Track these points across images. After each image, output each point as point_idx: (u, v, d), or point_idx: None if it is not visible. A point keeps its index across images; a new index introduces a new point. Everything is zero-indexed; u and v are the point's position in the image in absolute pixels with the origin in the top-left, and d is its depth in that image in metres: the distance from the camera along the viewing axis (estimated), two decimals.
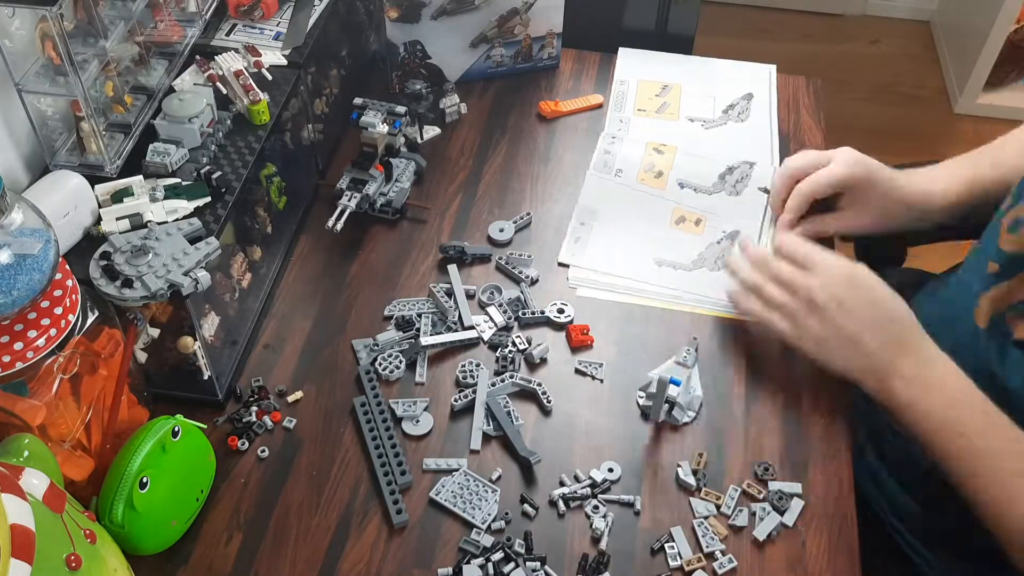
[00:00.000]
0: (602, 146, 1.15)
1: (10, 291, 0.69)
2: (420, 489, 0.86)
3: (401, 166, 1.11)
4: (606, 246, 1.05)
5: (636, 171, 1.12)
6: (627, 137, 1.17)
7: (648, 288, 1.01)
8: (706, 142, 1.17)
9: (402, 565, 0.81)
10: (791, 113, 1.22)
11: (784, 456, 0.88)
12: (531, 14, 1.20)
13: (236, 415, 0.90)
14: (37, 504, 0.62)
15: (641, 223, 1.08)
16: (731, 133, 1.18)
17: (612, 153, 1.14)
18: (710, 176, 1.12)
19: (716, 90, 1.24)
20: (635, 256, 1.04)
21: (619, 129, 1.18)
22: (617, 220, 1.08)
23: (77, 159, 0.90)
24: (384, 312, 0.99)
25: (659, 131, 1.18)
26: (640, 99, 1.22)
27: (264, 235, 1.00)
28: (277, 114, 0.98)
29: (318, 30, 1.07)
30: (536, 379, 0.92)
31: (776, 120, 1.20)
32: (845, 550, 0.82)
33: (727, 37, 2.69)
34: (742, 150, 1.15)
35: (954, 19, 2.70)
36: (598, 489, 0.85)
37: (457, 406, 0.91)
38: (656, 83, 1.24)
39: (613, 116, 1.20)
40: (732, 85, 1.24)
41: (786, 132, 1.19)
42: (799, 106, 1.23)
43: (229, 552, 0.82)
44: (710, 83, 1.25)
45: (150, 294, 0.78)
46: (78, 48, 0.86)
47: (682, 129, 1.18)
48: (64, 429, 0.77)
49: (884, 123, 2.53)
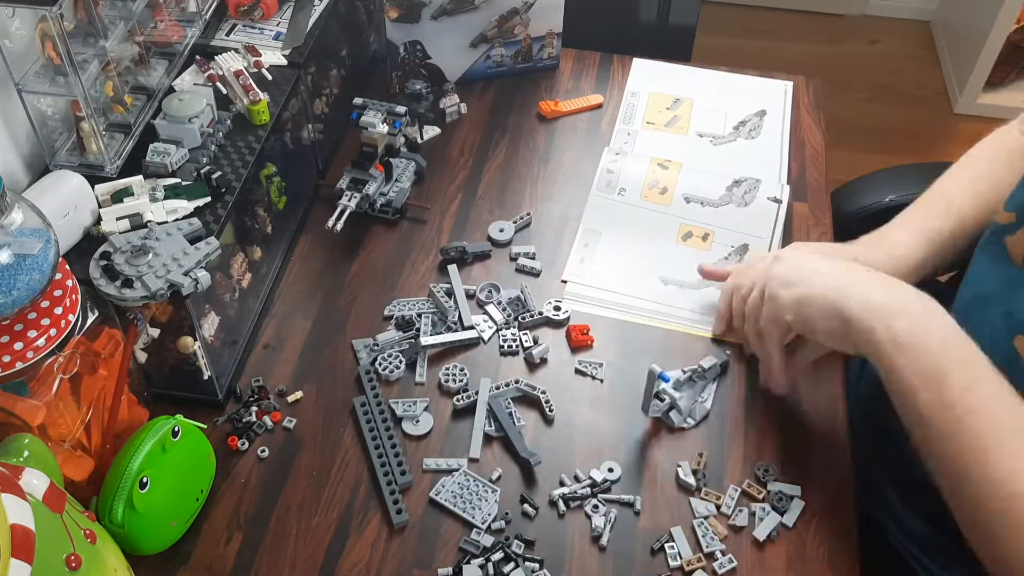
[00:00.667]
0: (604, 164, 1.13)
1: (10, 291, 0.69)
2: (420, 489, 0.86)
3: (401, 166, 1.11)
4: (610, 266, 1.03)
5: (640, 189, 1.10)
6: (632, 152, 1.15)
7: (649, 307, 1.00)
8: (713, 158, 1.15)
9: (402, 565, 0.81)
10: (791, 113, 1.22)
11: (784, 456, 0.88)
12: (531, 14, 1.20)
13: (236, 415, 0.90)
14: (37, 504, 0.62)
15: (646, 241, 1.06)
16: (740, 150, 1.16)
17: (615, 172, 1.12)
18: (717, 189, 1.09)
19: (729, 106, 1.22)
20: (640, 275, 1.02)
21: (625, 143, 1.17)
22: (622, 240, 1.06)
23: (77, 159, 0.90)
24: (384, 312, 0.99)
25: (665, 146, 1.16)
26: (650, 111, 1.21)
27: (264, 235, 1.00)
28: (277, 114, 0.98)
29: (318, 30, 1.07)
30: (540, 386, 0.92)
31: (788, 138, 1.18)
32: (845, 551, 0.82)
33: (727, 37, 2.69)
34: (749, 167, 1.13)
35: (954, 19, 2.70)
36: (598, 488, 0.85)
37: (459, 405, 0.91)
38: (668, 96, 1.23)
39: (620, 128, 1.19)
40: (746, 101, 1.23)
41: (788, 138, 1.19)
42: (799, 106, 1.23)
43: (229, 552, 0.82)
44: (724, 98, 1.23)
45: (150, 294, 0.78)
46: (78, 48, 0.86)
47: (689, 144, 1.17)
48: (64, 429, 0.77)
49: (884, 123, 2.53)
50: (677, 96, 1.23)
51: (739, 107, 1.22)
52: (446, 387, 0.92)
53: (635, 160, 1.13)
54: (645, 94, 1.24)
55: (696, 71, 1.28)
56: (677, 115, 1.21)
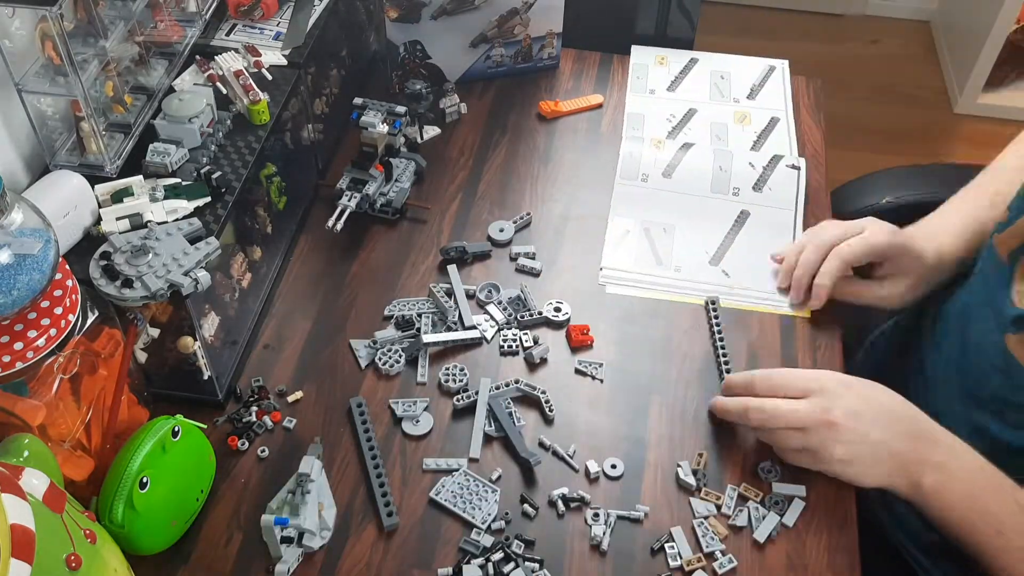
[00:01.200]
0: (625, 150, 1.15)
1: (10, 291, 0.69)
2: (420, 489, 0.86)
3: (401, 166, 1.11)
4: (645, 250, 1.06)
5: (660, 171, 1.13)
6: (646, 137, 1.17)
7: (693, 286, 1.02)
8: (727, 140, 1.18)
9: (402, 565, 0.81)
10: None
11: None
12: (531, 14, 1.20)
13: (236, 415, 0.90)
14: (37, 504, 0.62)
15: (679, 223, 1.08)
16: (749, 136, 1.19)
17: (635, 156, 1.14)
18: (740, 164, 1.13)
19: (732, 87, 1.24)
20: (680, 255, 1.05)
21: (633, 128, 1.19)
22: (653, 223, 1.08)
23: (77, 159, 0.90)
24: (384, 312, 0.99)
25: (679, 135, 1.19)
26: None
27: (264, 235, 1.00)
28: (277, 114, 0.98)
29: (318, 30, 1.07)
30: (540, 386, 0.92)
31: (792, 116, 1.21)
32: (845, 551, 0.82)
33: (727, 37, 2.69)
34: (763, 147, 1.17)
35: (954, 19, 2.70)
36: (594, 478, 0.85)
37: (459, 405, 0.91)
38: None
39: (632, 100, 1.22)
40: (744, 84, 1.25)
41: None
42: (799, 106, 1.23)
43: (229, 552, 0.82)
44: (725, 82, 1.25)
45: (150, 294, 0.78)
46: (78, 48, 0.86)
47: (702, 131, 1.19)
48: (64, 429, 0.77)
49: (884, 123, 2.53)
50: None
51: (739, 87, 1.24)
52: (446, 387, 0.92)
53: (653, 145, 1.16)
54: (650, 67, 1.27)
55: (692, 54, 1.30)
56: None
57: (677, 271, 1.03)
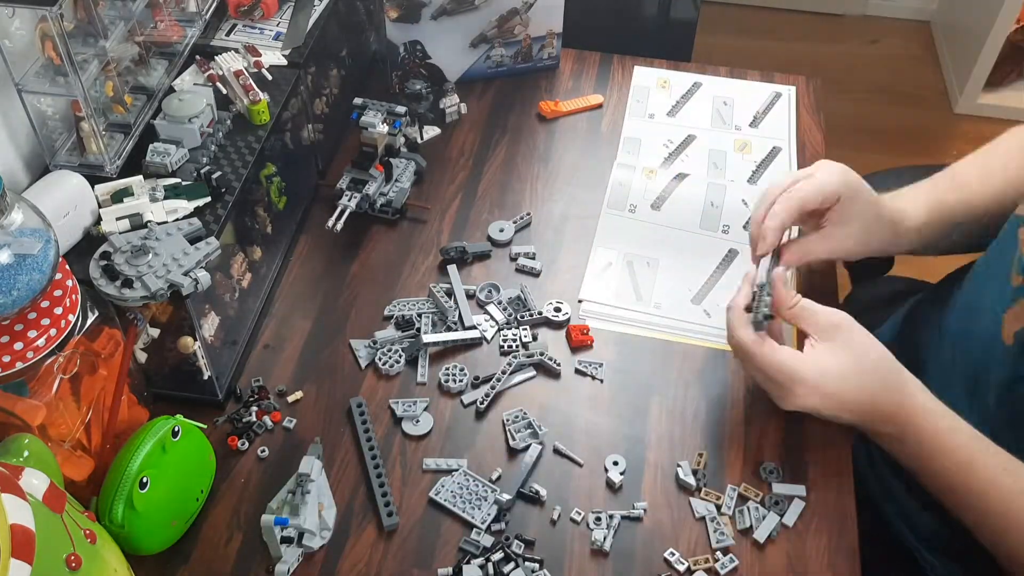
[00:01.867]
0: (615, 177, 1.12)
1: (10, 291, 0.69)
2: (420, 489, 0.86)
3: (401, 166, 1.11)
4: (627, 284, 1.02)
5: (650, 204, 1.09)
6: (639, 165, 1.13)
7: (670, 323, 0.99)
8: (723, 171, 1.14)
9: (402, 565, 0.81)
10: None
11: (784, 456, 0.88)
12: (531, 14, 1.20)
13: (236, 415, 0.90)
14: (37, 504, 0.62)
15: (663, 259, 1.04)
16: (747, 165, 1.16)
17: (625, 185, 1.11)
18: (732, 200, 1.09)
19: (735, 114, 1.21)
20: (660, 292, 1.01)
21: (628, 153, 1.16)
22: (637, 258, 1.05)
23: (77, 159, 0.90)
24: (384, 312, 0.99)
25: (674, 163, 1.15)
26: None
27: (264, 235, 1.00)
28: (277, 114, 0.98)
29: (318, 30, 1.07)
30: (538, 348, 0.93)
31: (794, 145, 1.18)
32: (845, 550, 0.82)
33: (727, 37, 2.69)
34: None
35: (954, 19, 2.70)
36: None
37: (481, 408, 0.91)
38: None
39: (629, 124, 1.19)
40: (749, 110, 1.22)
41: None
42: (799, 106, 1.23)
43: (229, 552, 0.82)
44: (728, 106, 1.23)
45: (150, 294, 0.78)
46: (78, 48, 0.86)
47: (699, 160, 1.16)
48: (64, 429, 0.77)
49: (884, 123, 2.53)
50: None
51: (743, 114, 1.21)
52: (446, 387, 0.92)
53: (644, 174, 1.12)
54: (650, 90, 1.24)
55: (695, 77, 1.27)
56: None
57: (657, 307, 0.99)
